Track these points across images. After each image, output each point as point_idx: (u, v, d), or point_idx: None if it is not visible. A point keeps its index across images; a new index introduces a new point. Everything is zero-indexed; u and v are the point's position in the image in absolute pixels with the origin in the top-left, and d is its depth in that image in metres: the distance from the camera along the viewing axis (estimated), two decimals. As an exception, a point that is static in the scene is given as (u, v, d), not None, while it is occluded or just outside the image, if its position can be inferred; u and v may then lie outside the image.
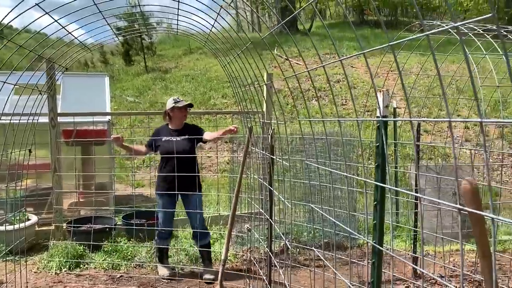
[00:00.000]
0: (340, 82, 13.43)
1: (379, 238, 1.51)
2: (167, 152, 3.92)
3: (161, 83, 14.35)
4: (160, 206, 4.01)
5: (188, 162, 3.90)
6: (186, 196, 3.98)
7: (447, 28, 0.98)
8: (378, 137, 1.48)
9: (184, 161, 3.88)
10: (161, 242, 4.09)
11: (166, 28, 5.27)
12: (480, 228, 1.05)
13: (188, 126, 4.18)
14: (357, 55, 1.59)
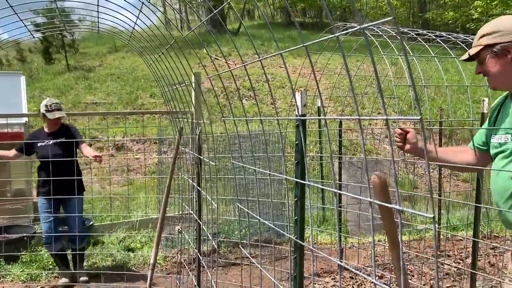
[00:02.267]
0: (269, 81, 13.66)
1: (300, 233, 1.55)
2: (43, 157, 3.84)
3: (85, 83, 13.70)
4: (40, 210, 3.91)
5: (66, 165, 3.83)
6: (66, 200, 3.91)
7: (353, 30, 1.03)
8: (297, 135, 1.53)
9: (62, 164, 3.81)
10: (49, 247, 3.94)
11: (87, 26, 5.03)
12: (389, 220, 1.12)
13: (64, 127, 4.09)
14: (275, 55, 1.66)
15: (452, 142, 10.03)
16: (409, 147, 1.99)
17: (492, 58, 1.76)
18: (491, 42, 1.75)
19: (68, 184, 3.78)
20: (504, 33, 1.72)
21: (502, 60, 1.74)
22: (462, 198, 6.89)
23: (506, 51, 1.71)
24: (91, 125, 10.04)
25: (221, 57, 15.06)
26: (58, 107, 3.95)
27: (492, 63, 1.77)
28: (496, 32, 1.74)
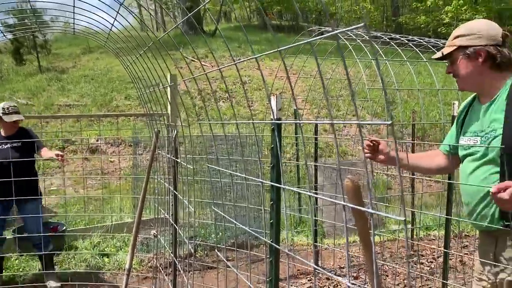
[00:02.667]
0: (246, 84, 13.68)
1: (276, 236, 1.56)
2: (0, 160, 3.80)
3: (58, 84, 13.41)
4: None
5: (22, 168, 3.79)
6: (21, 203, 3.85)
7: (327, 36, 1.05)
8: (273, 139, 1.54)
9: (19, 168, 3.76)
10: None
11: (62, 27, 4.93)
12: (362, 223, 1.14)
13: (22, 131, 4.03)
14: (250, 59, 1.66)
15: (425, 143, 10.26)
16: (382, 158, 2.02)
17: (464, 60, 1.80)
18: (465, 44, 1.79)
19: (24, 188, 3.73)
20: (478, 36, 1.76)
21: (473, 62, 1.78)
22: (435, 199, 7.05)
23: (478, 54, 1.76)
24: (64, 128, 9.83)
25: (197, 60, 14.99)
26: (16, 110, 3.91)
27: (463, 65, 1.81)
28: (471, 34, 1.78)
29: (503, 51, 1.73)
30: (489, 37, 1.74)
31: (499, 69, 1.74)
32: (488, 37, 1.74)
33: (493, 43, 1.73)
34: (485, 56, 1.74)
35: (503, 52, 1.73)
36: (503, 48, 1.73)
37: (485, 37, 1.74)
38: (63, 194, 6.92)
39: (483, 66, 1.76)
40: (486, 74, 1.77)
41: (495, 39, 1.74)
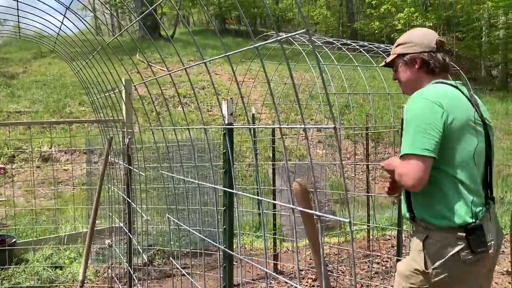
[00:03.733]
0: (205, 89, 13.60)
1: (229, 242, 1.55)
2: None
3: (7, 90, 12.82)
4: None
5: None
6: None
7: (270, 41, 1.06)
8: (225, 144, 1.53)
9: None
10: None
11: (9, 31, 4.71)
12: (310, 226, 1.15)
13: None
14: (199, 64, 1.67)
15: (379, 146, 10.57)
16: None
17: (403, 66, 1.94)
18: (403, 51, 1.93)
19: None
20: (413, 44, 1.89)
21: (411, 68, 1.91)
22: (390, 199, 7.26)
23: (414, 61, 1.89)
24: (14, 135, 9.41)
25: (156, 64, 14.77)
26: None
27: (403, 71, 1.95)
28: (408, 43, 1.91)
29: (436, 56, 1.84)
30: (423, 44, 1.86)
31: (434, 73, 1.86)
32: (422, 45, 1.86)
33: (427, 50, 1.85)
34: (420, 63, 1.86)
35: (437, 57, 1.84)
36: (437, 54, 1.84)
37: (419, 45, 1.87)
38: (12, 205, 6.61)
39: (419, 71, 1.88)
40: (423, 78, 1.89)
41: (429, 46, 1.86)
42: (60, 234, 4.91)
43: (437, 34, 1.92)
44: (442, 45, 1.86)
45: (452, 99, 1.72)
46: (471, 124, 1.72)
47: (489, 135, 1.80)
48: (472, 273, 1.72)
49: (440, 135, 1.65)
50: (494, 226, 1.76)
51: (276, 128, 5.32)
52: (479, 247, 1.67)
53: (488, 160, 1.79)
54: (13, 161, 8.69)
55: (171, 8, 24.18)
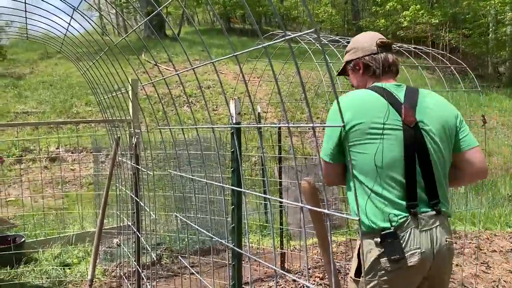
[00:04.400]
0: (210, 88, 13.63)
1: (238, 240, 1.56)
2: None
3: (14, 91, 12.92)
4: None
5: None
6: None
7: (279, 41, 1.06)
8: (232, 143, 1.54)
9: None
10: None
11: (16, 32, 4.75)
12: (319, 225, 1.16)
13: None
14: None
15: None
16: None
17: (351, 73, 1.98)
18: (348, 58, 1.95)
19: None
20: (356, 49, 1.90)
21: (357, 74, 1.93)
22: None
23: (358, 66, 1.90)
24: (21, 136, 9.48)
25: (162, 64, 14.81)
26: None
27: (352, 77, 1.98)
28: (352, 49, 1.93)
29: (376, 58, 1.83)
30: (364, 48, 1.86)
31: (376, 75, 1.85)
32: (364, 49, 1.86)
33: (368, 53, 1.85)
34: (362, 67, 1.87)
35: (377, 59, 1.83)
36: (378, 55, 1.83)
37: (361, 49, 1.87)
38: (21, 204, 6.67)
39: (364, 76, 1.89)
40: (368, 82, 1.88)
41: (369, 49, 1.85)
42: (68, 234, 4.95)
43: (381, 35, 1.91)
44: (384, 46, 1.84)
45: (362, 106, 1.71)
46: (376, 131, 1.66)
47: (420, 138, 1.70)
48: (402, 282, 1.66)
49: (335, 144, 1.71)
50: (428, 234, 1.66)
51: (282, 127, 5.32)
52: (393, 255, 1.61)
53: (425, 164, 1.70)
54: (21, 161, 8.76)
55: (176, 7, 24.23)
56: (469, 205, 6.51)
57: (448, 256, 1.72)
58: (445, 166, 1.76)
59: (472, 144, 1.79)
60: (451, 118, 1.78)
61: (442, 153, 1.74)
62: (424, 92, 1.83)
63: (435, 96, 1.83)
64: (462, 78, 15.49)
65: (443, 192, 1.74)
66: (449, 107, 1.82)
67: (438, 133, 1.73)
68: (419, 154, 1.68)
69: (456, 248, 4.79)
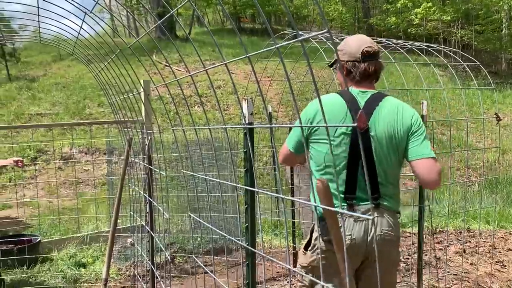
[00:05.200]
0: (221, 88, 13.66)
1: (252, 239, 1.57)
2: None
3: (28, 93, 13.10)
4: None
5: None
6: None
7: (295, 41, 1.07)
8: (245, 143, 1.55)
9: None
10: None
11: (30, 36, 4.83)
12: (334, 225, 1.16)
13: None
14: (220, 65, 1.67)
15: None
16: None
17: (338, 71, 2.20)
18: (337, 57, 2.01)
19: None
20: (344, 52, 2.05)
21: (341, 74, 2.13)
22: (409, 196, 7.19)
23: (343, 68, 2.04)
24: (36, 137, 9.61)
25: (172, 65, 14.88)
26: None
27: (338, 75, 2.24)
28: (341, 50, 2.07)
29: (359, 66, 1.97)
30: (351, 54, 2.00)
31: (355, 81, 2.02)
32: (350, 54, 2.00)
33: (352, 60, 1.99)
34: (346, 71, 2.02)
35: (360, 67, 1.97)
36: (361, 64, 1.97)
37: (348, 54, 2.01)
38: (36, 205, 6.76)
39: (346, 78, 2.05)
40: (348, 83, 2.06)
41: (354, 56, 1.98)
42: (83, 234, 5.01)
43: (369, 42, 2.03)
44: (369, 55, 1.97)
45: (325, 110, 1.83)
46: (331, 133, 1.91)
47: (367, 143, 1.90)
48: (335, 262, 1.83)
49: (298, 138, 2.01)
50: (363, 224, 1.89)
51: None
52: (325, 236, 1.87)
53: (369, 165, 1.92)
54: (35, 162, 8.89)
55: (186, 8, 24.32)
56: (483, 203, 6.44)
57: (384, 245, 1.93)
58: (393, 168, 1.97)
59: (418, 156, 1.93)
60: (402, 127, 1.94)
61: (388, 157, 1.94)
62: (387, 100, 1.99)
63: (393, 105, 1.97)
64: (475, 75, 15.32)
65: (386, 190, 1.96)
66: (403, 116, 1.95)
67: (386, 139, 1.92)
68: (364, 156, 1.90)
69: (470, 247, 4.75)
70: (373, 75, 2.01)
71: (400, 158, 1.98)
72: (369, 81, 2.02)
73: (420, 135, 1.94)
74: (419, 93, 12.79)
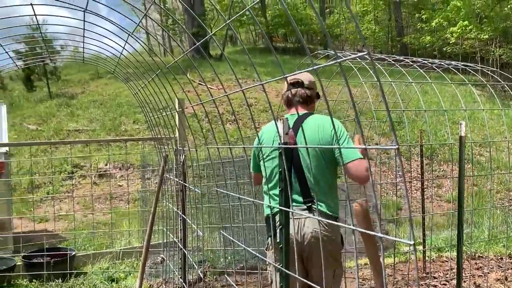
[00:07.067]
0: (252, 106, 13.76)
1: (286, 261, 1.55)
2: None
3: (67, 110, 13.60)
4: None
5: None
6: None
7: (333, 63, 1.07)
8: (280, 163, 1.54)
9: None
10: None
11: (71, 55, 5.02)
12: (372, 247, 1.13)
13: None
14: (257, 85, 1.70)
15: (434, 163, 10.18)
16: None
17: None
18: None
19: None
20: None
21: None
22: (446, 219, 6.95)
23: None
24: (73, 153, 9.92)
25: (207, 84, 15.13)
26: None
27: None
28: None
29: (284, 93, 2.52)
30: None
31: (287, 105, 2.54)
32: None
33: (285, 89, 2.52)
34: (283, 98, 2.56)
35: (284, 94, 2.52)
36: (286, 92, 2.49)
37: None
38: (71, 219, 6.93)
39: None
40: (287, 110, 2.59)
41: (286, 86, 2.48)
42: (116, 249, 5.09)
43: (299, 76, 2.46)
44: (292, 84, 2.44)
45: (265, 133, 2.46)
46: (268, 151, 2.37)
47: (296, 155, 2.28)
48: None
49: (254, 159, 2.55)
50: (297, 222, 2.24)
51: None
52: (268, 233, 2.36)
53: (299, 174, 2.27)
54: (72, 177, 9.15)
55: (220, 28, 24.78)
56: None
57: (316, 242, 2.19)
58: (322, 174, 2.27)
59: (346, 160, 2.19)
60: (325, 139, 2.28)
61: (315, 166, 2.27)
62: (311, 118, 2.37)
63: (316, 121, 2.34)
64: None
65: (317, 194, 2.27)
66: (324, 130, 2.29)
67: (311, 151, 2.26)
68: (295, 167, 2.27)
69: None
70: (295, 98, 2.44)
71: (329, 165, 2.29)
72: (296, 104, 2.45)
73: (343, 141, 2.23)
74: (455, 113, 12.47)
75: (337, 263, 2.32)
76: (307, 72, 2.49)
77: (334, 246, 2.27)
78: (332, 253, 2.26)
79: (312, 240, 2.21)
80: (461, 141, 2.81)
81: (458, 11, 20.33)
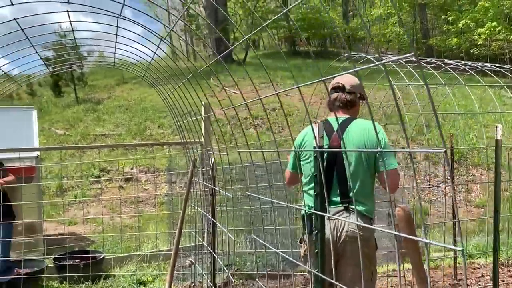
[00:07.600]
0: (276, 110, 13.75)
1: (321, 266, 1.53)
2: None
3: (93, 115, 13.87)
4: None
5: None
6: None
7: (376, 64, 1.05)
8: (315, 167, 1.53)
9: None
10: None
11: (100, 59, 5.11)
12: (415, 253, 1.10)
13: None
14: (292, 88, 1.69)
15: (463, 167, 9.95)
16: None
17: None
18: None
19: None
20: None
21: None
22: (476, 224, 6.77)
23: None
24: (100, 157, 10.10)
25: (229, 88, 15.22)
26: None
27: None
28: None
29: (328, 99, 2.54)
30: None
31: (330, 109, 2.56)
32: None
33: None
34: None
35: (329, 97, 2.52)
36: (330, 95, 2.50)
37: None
38: (100, 222, 7.05)
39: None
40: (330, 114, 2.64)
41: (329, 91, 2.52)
42: (143, 252, 5.14)
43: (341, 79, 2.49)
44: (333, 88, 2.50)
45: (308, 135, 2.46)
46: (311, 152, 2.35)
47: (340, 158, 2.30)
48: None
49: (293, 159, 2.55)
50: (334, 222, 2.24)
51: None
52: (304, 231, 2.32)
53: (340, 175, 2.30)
54: (99, 181, 9.31)
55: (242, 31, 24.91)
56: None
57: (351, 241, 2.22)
58: (364, 177, 2.30)
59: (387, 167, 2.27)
60: (370, 143, 2.30)
61: (357, 169, 2.30)
62: (355, 122, 2.39)
63: (361, 125, 2.37)
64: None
65: (357, 195, 2.27)
66: (369, 135, 2.32)
67: (355, 154, 2.31)
68: (337, 169, 2.31)
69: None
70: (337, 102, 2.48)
71: (371, 169, 2.33)
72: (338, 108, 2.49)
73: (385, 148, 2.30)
74: (484, 116, 12.17)
75: (371, 265, 2.31)
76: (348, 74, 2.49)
77: (368, 247, 2.27)
78: (367, 254, 2.25)
79: (347, 239, 2.23)
80: (497, 144, 2.73)
81: (486, 11, 19.86)
